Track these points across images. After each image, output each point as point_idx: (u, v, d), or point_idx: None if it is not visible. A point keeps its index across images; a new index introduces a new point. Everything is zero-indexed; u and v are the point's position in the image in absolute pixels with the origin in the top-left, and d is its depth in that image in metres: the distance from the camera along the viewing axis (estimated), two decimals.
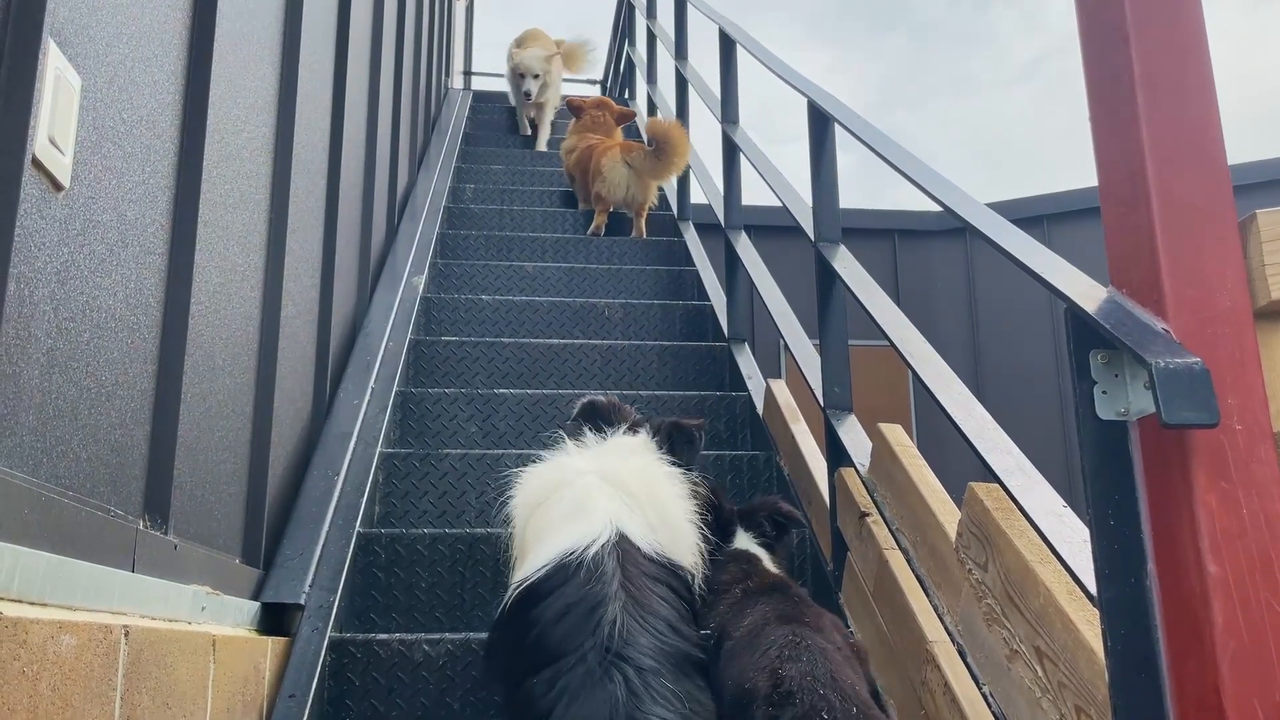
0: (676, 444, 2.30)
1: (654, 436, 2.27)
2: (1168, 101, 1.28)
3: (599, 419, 2.29)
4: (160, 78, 1.64)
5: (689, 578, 1.79)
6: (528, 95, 6.95)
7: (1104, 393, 1.26)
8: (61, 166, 1.26)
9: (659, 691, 1.46)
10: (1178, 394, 1.12)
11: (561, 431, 2.31)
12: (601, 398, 2.43)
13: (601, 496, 1.82)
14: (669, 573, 1.72)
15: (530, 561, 1.73)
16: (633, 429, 2.29)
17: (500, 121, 7.66)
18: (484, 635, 2.43)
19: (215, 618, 1.84)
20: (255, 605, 2.18)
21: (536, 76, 6.89)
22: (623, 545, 1.69)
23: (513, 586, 1.72)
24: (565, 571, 1.64)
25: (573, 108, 6.05)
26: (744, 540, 2.36)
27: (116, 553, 1.43)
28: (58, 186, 1.26)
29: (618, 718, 1.42)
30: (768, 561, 2.33)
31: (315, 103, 2.83)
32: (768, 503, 2.47)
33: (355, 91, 3.46)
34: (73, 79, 1.28)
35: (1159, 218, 1.24)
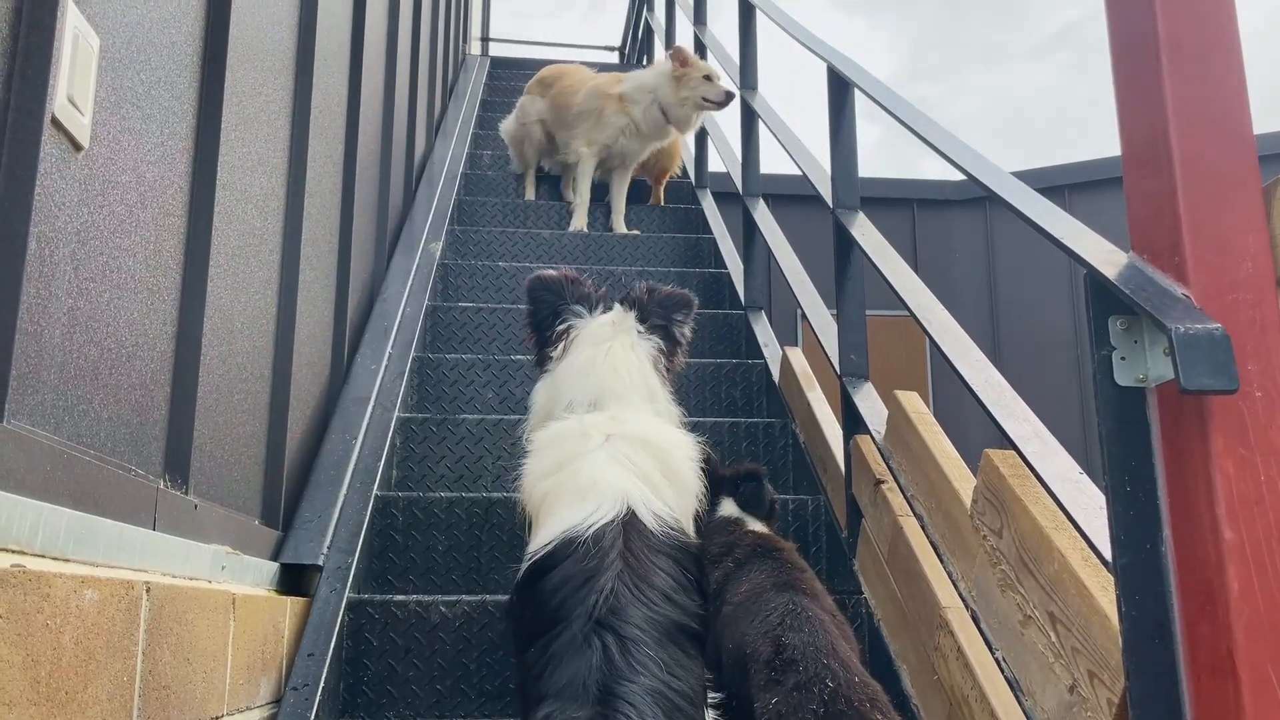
0: (671, 322, 2.11)
1: (639, 317, 2.08)
2: (1192, 65, 1.26)
3: (560, 298, 2.11)
4: (178, 39, 1.64)
5: (696, 547, 1.76)
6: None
7: (1122, 359, 1.25)
8: (81, 126, 1.26)
9: (638, 659, 1.46)
10: (1197, 360, 1.11)
11: (541, 334, 2.12)
12: (551, 271, 2.21)
13: (612, 467, 1.78)
14: (675, 544, 1.70)
15: (541, 535, 1.73)
16: (603, 306, 2.11)
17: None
18: (500, 598, 2.46)
19: (235, 577, 1.86)
20: (274, 566, 2.20)
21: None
22: (629, 518, 1.68)
23: (525, 559, 1.72)
24: (570, 546, 1.64)
25: None
26: (729, 506, 2.45)
27: (137, 511, 1.45)
28: (77, 146, 1.27)
29: (590, 682, 1.43)
30: (753, 523, 2.41)
31: (333, 66, 2.82)
32: (739, 468, 2.54)
33: (373, 56, 3.45)
34: (91, 39, 1.28)
35: (1181, 182, 1.23)
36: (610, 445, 1.83)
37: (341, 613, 2.31)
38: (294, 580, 2.30)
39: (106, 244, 1.38)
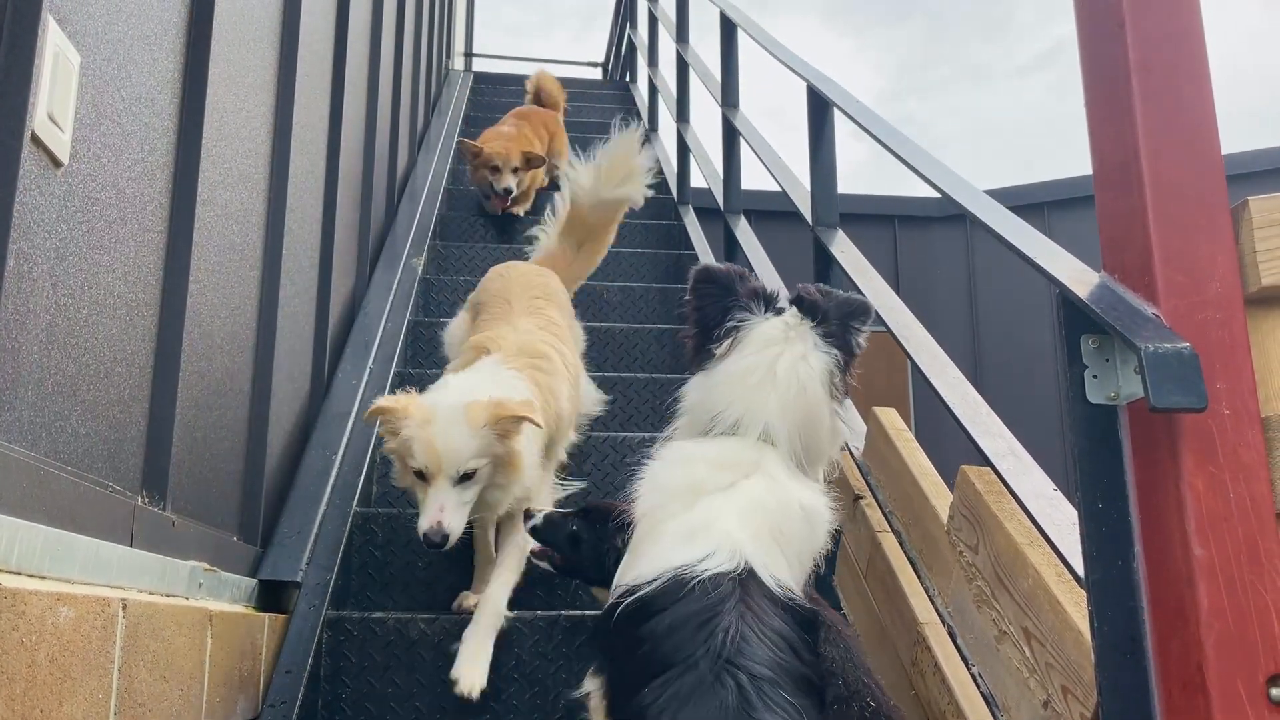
0: (847, 329, 1.87)
1: (814, 320, 1.85)
2: (1162, 88, 1.28)
3: (730, 293, 1.90)
4: (159, 55, 1.65)
5: (812, 618, 1.59)
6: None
7: (1094, 377, 1.27)
8: (61, 143, 1.27)
9: (774, 699, 1.37)
10: (1166, 378, 1.13)
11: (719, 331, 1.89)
12: (718, 264, 2.02)
13: (732, 515, 1.63)
14: (791, 605, 1.56)
15: (641, 565, 1.59)
16: (774, 306, 1.89)
17: (502, 104, 7.64)
18: None
19: (212, 593, 1.85)
20: (252, 582, 2.20)
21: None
22: (745, 574, 1.54)
23: (621, 589, 1.58)
24: (682, 585, 1.51)
25: None
26: None
27: (115, 528, 1.44)
28: (57, 163, 1.27)
29: None
30: None
31: (315, 82, 2.83)
32: None
33: (355, 71, 3.46)
34: (72, 56, 1.28)
35: (1151, 203, 1.25)
36: (737, 492, 1.68)
37: (320, 629, 2.30)
38: (272, 596, 2.29)
39: (85, 260, 1.38)
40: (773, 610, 1.53)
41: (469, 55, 9.87)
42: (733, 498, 1.67)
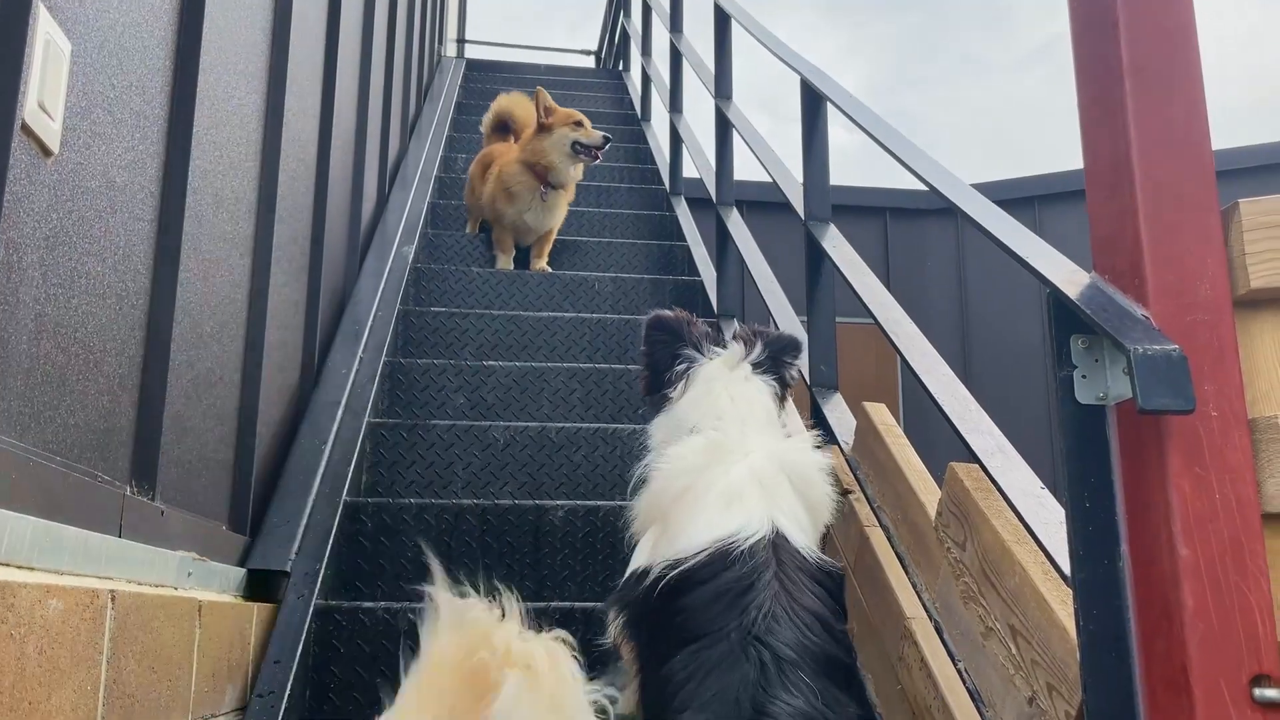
0: (780, 363, 2.17)
1: (751, 354, 2.13)
2: (1155, 90, 1.28)
3: (679, 339, 2.15)
4: (150, 43, 1.64)
5: (841, 580, 1.76)
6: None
7: (1084, 377, 1.27)
8: (51, 132, 1.26)
9: (793, 680, 1.46)
10: (1155, 380, 1.13)
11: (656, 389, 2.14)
12: (668, 312, 2.26)
13: (757, 486, 1.78)
14: (824, 573, 1.70)
15: (682, 541, 1.70)
16: (714, 343, 2.16)
17: (494, 91, 7.62)
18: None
19: (201, 583, 1.85)
20: (241, 572, 2.19)
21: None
22: (779, 541, 1.69)
23: (662, 563, 1.69)
24: (724, 559, 1.63)
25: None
26: None
27: (104, 518, 1.44)
28: (47, 152, 1.26)
29: (743, 697, 1.42)
30: None
31: (307, 69, 2.81)
32: None
33: (347, 57, 3.44)
34: (62, 44, 1.28)
35: (1142, 205, 1.25)
36: (750, 461, 1.83)
37: (309, 619, 2.30)
38: (261, 586, 2.28)
39: (75, 249, 1.37)
40: (805, 582, 1.65)
41: (461, 42, 9.84)
42: (748, 465, 1.82)
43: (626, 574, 1.91)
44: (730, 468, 1.81)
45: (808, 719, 1.42)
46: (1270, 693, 1.11)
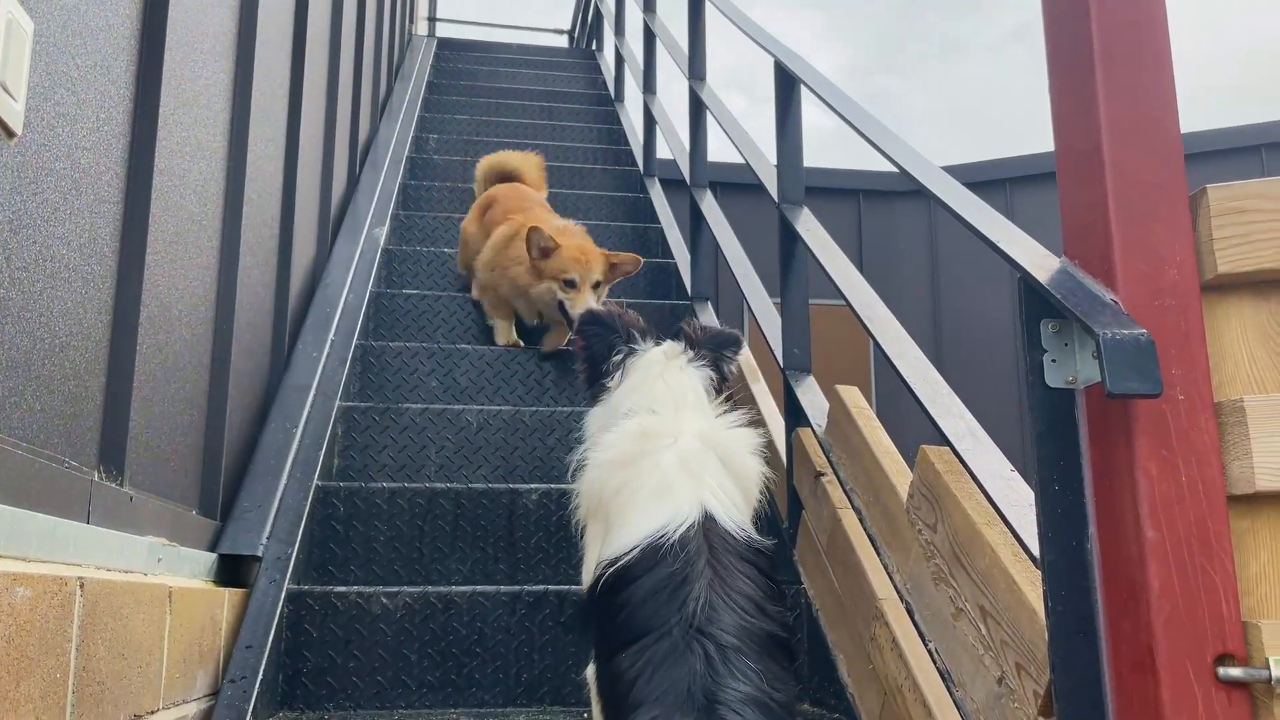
0: (720, 357, 2.17)
1: (689, 348, 2.13)
2: (1125, 76, 1.29)
3: (614, 332, 2.17)
4: (115, 21, 1.61)
5: (772, 555, 1.79)
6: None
7: (1053, 361, 1.28)
8: (14, 113, 1.24)
9: (738, 667, 1.51)
10: (1123, 364, 1.14)
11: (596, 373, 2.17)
12: (599, 308, 2.31)
13: (682, 469, 1.81)
14: (753, 551, 1.74)
15: (618, 539, 1.74)
16: (654, 339, 2.18)
17: (465, 70, 7.56)
18: (442, 589, 2.46)
19: (171, 569, 1.84)
20: (212, 557, 2.18)
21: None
22: (708, 522, 1.72)
23: (602, 563, 1.74)
24: (655, 553, 1.67)
25: None
26: None
27: (71, 504, 1.42)
28: (10, 133, 1.24)
29: (695, 689, 1.47)
30: None
31: (275, 47, 2.77)
32: None
33: (316, 36, 3.40)
34: (25, 23, 1.25)
35: (1112, 190, 1.26)
36: (678, 445, 1.86)
37: (280, 604, 2.29)
38: (232, 571, 2.27)
39: (40, 232, 1.35)
40: (738, 566, 1.68)
41: (433, 20, 9.73)
42: (677, 450, 1.85)
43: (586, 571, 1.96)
44: (660, 456, 1.84)
45: (756, 703, 1.48)
46: (1234, 671, 1.13)
